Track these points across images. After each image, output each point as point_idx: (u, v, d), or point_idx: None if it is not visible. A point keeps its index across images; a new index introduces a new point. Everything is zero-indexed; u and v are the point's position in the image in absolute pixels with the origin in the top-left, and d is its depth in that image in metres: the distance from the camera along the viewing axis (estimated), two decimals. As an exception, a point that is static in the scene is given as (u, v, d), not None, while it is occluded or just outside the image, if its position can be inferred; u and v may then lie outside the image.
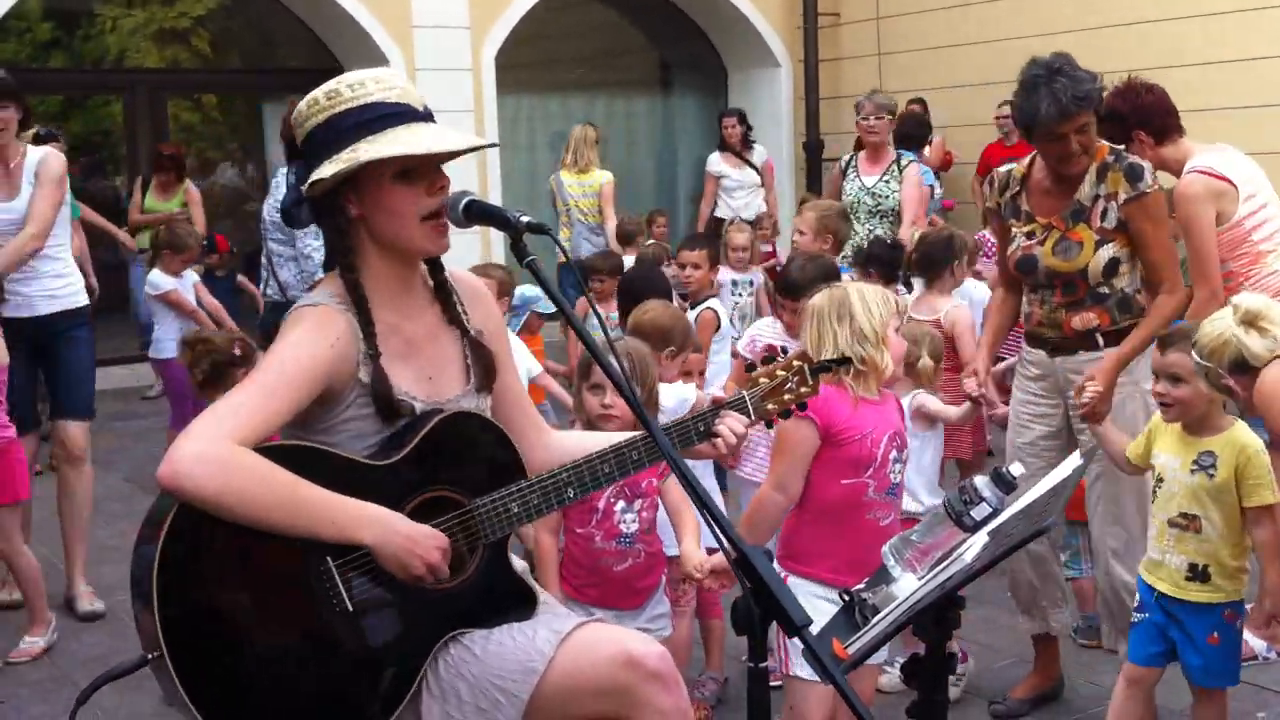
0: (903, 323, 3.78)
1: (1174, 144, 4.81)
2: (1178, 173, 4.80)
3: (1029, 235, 4.28)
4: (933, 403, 4.91)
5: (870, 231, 7.43)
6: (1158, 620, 3.78)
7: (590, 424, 3.84)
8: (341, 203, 2.60)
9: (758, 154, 11.64)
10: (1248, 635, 4.59)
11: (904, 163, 7.70)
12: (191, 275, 8.39)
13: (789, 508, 3.53)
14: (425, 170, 2.61)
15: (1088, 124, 4.10)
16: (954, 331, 5.63)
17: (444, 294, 2.77)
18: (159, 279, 8.20)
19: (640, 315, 4.70)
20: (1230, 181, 4.70)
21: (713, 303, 6.28)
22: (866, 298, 3.54)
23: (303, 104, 2.64)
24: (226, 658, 2.39)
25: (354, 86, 2.60)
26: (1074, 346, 4.23)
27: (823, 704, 3.49)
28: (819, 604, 3.31)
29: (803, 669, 3.37)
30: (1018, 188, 4.37)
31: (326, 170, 2.54)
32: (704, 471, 4.59)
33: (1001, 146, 11.55)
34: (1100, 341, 4.21)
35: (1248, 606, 4.79)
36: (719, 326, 6.12)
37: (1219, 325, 3.18)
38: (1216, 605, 3.70)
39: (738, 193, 11.46)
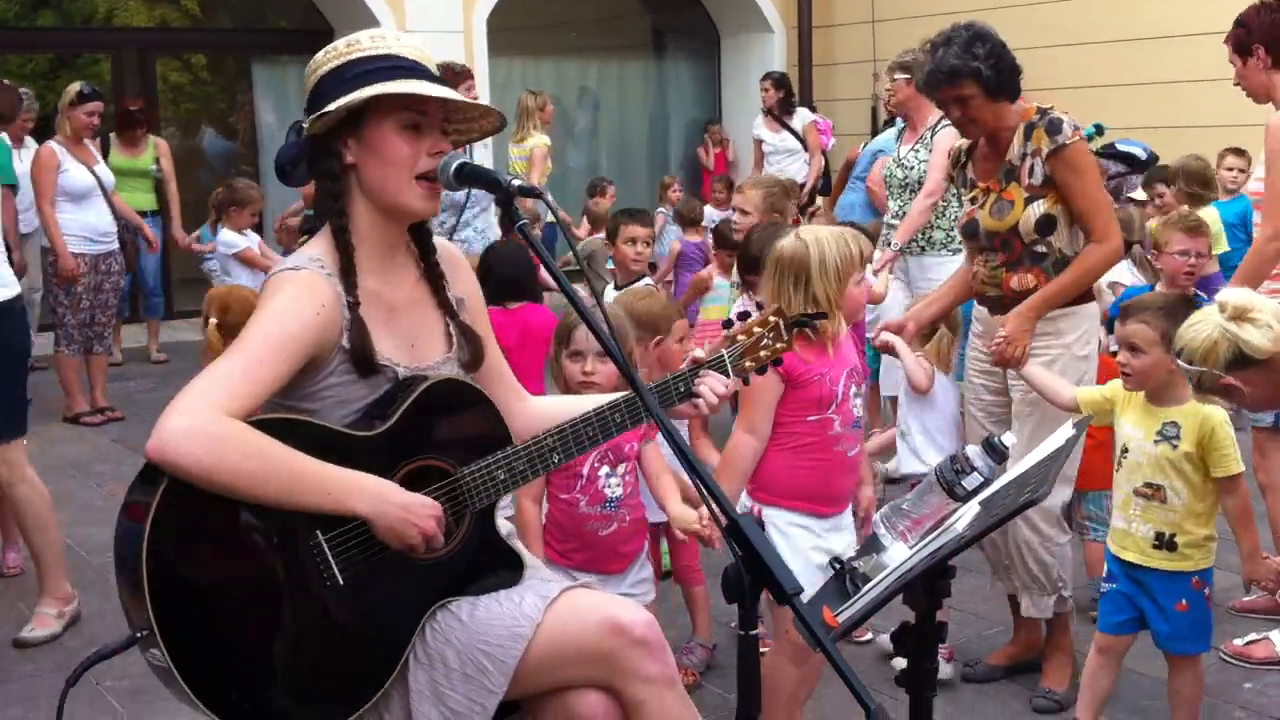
0: (864, 272, 3.80)
1: None
2: None
3: (972, 201, 4.38)
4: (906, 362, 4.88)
5: (900, 207, 6.92)
6: (1125, 589, 3.82)
7: (569, 392, 3.82)
8: (337, 146, 2.57)
9: (800, 117, 11.41)
10: (1277, 638, 4.60)
11: (939, 129, 6.82)
12: (255, 235, 8.53)
13: (761, 449, 3.69)
14: (430, 130, 2.59)
15: (963, 97, 4.17)
16: None
17: (431, 269, 2.75)
18: (231, 238, 8.44)
19: (634, 301, 4.69)
20: None
21: (647, 281, 6.08)
22: (826, 258, 3.61)
23: (320, 53, 2.62)
24: (216, 632, 2.37)
25: (374, 38, 2.60)
26: (1012, 306, 4.22)
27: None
28: (796, 531, 3.64)
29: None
30: (965, 158, 4.48)
31: (335, 104, 2.51)
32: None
33: (994, 114, 11.52)
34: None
35: (1251, 599, 4.82)
36: None
37: (1203, 329, 3.15)
38: (1185, 573, 3.74)
39: (774, 158, 11.37)
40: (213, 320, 6.43)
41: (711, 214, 10.45)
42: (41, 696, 4.49)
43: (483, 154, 11.57)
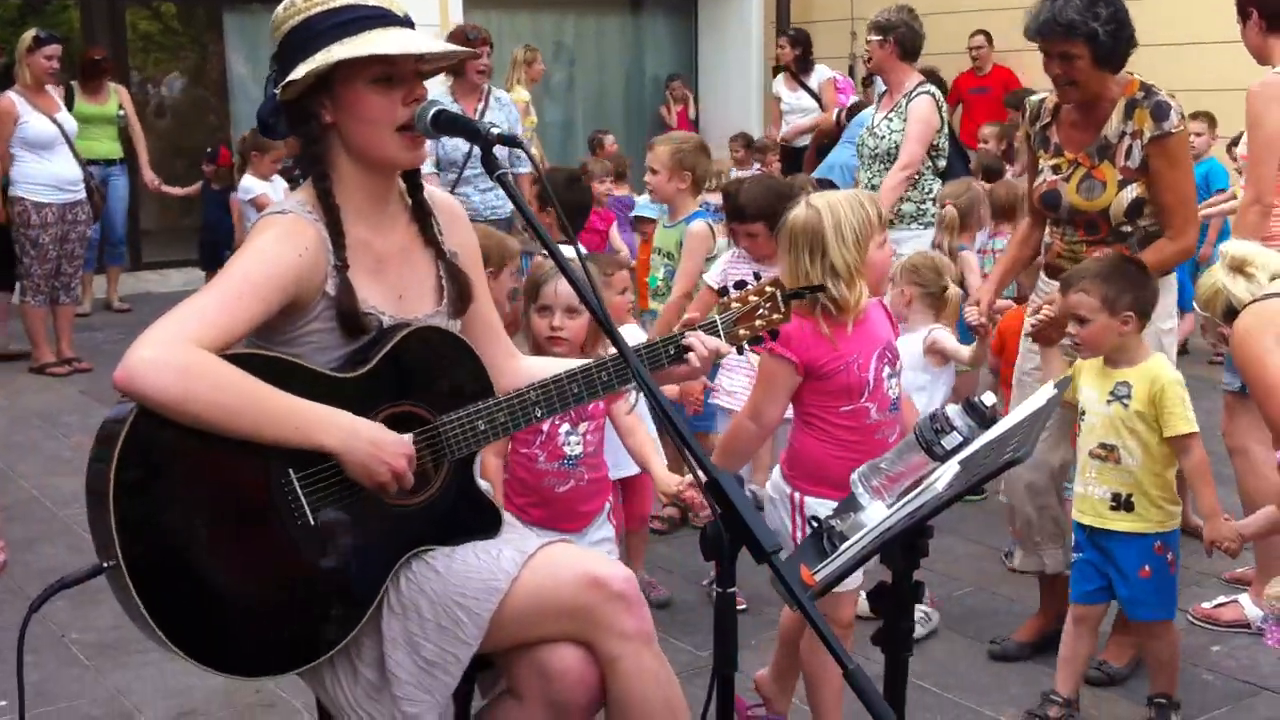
0: (885, 235, 3.60)
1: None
2: None
3: (1055, 170, 4.18)
4: (948, 340, 4.86)
5: (871, 179, 6.47)
6: (1092, 558, 3.83)
7: (537, 348, 3.78)
8: (314, 108, 2.53)
9: (817, 75, 11.27)
10: (1245, 601, 4.62)
11: (915, 95, 6.32)
12: (281, 181, 8.55)
13: (763, 437, 3.61)
14: (403, 79, 2.53)
15: (1070, 54, 3.96)
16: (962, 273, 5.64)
17: (421, 213, 2.71)
18: (250, 183, 8.64)
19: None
20: None
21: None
22: (842, 224, 3.41)
23: (280, 7, 2.56)
24: (184, 568, 2.34)
25: None
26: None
27: (851, 603, 3.57)
28: None
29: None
30: (1049, 119, 4.26)
31: (299, 70, 2.46)
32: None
33: (973, 76, 11.50)
34: None
35: (1243, 570, 4.83)
36: None
37: (1208, 277, 3.19)
38: (1146, 536, 3.74)
39: (790, 117, 11.36)
40: None
41: None
42: (4, 647, 4.41)
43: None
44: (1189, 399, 3.73)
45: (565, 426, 3.78)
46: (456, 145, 6.84)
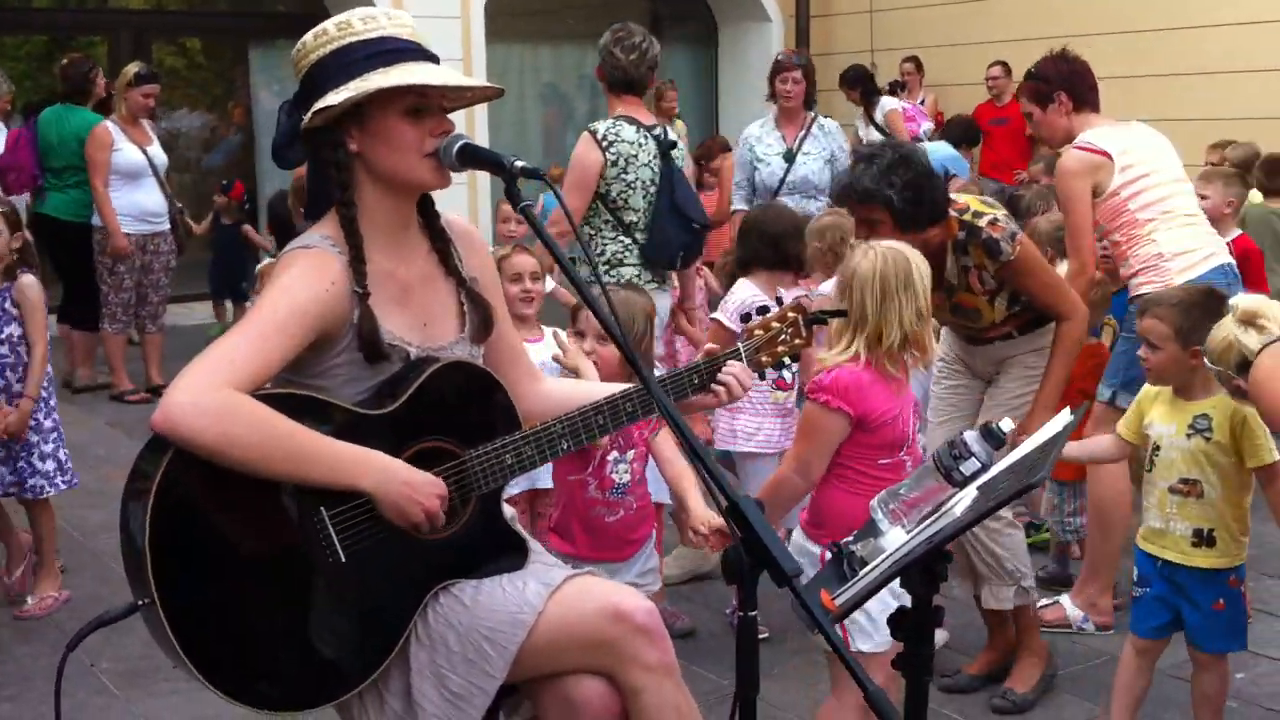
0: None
1: (1083, 116, 4.94)
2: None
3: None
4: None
5: None
6: (1160, 592, 3.78)
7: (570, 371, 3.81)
8: (341, 137, 2.55)
9: (881, 107, 11.01)
10: (1065, 602, 4.76)
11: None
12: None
13: (808, 491, 3.50)
14: (432, 111, 2.57)
15: (871, 219, 3.99)
16: None
17: (440, 240, 2.74)
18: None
19: None
20: (1106, 154, 4.79)
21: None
22: (919, 265, 3.37)
23: (309, 36, 2.59)
24: (218, 606, 2.38)
25: (365, 20, 2.57)
26: (991, 339, 4.38)
27: (883, 670, 3.34)
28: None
29: (865, 643, 3.34)
30: None
31: (334, 97, 2.49)
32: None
33: (992, 106, 11.51)
34: (1014, 334, 4.39)
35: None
36: None
37: (1220, 330, 3.17)
38: (1223, 571, 3.71)
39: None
40: None
41: None
42: (38, 676, 4.50)
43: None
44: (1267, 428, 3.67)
45: (614, 454, 3.79)
46: (773, 172, 6.96)
